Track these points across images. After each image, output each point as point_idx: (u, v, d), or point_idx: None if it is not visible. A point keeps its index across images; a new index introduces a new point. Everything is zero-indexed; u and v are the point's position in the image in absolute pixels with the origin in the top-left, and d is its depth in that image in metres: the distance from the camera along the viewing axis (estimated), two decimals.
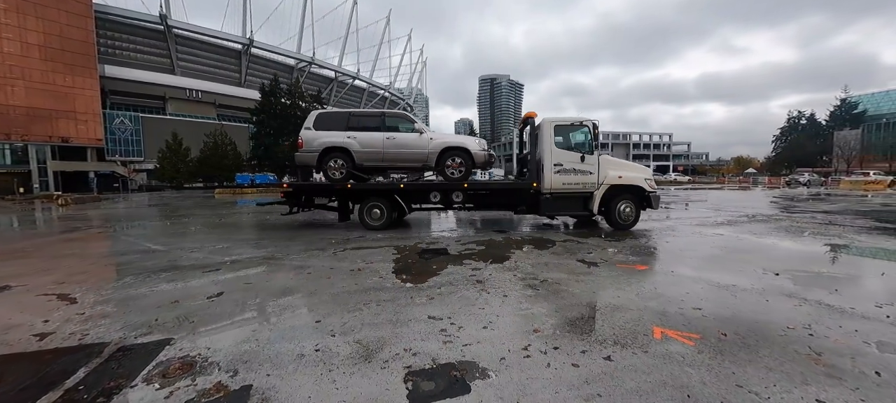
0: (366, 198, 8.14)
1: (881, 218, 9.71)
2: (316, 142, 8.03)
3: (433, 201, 8.13)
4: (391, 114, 8.68)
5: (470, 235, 7.30)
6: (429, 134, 8.19)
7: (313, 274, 4.48)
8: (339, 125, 8.16)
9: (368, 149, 8.06)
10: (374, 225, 7.99)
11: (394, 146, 8.08)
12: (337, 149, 8.02)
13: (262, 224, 9.89)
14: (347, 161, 8.04)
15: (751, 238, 6.85)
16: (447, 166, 8.09)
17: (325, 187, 8.34)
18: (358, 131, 8.08)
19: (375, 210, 8.06)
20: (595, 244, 6.24)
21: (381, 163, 8.28)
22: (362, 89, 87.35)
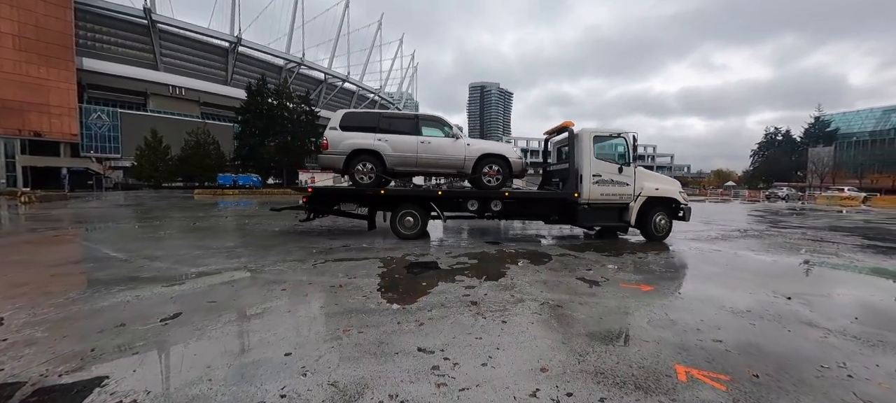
0: (399, 204, 7.67)
1: (868, 235, 9.73)
2: (343, 143, 7.54)
3: (470, 209, 7.78)
4: (425, 117, 8.19)
5: (461, 247, 6.91)
6: (465, 139, 7.95)
7: (289, 290, 4.01)
8: (367, 126, 7.73)
9: (401, 154, 7.65)
10: (407, 234, 7.54)
11: (428, 151, 7.72)
12: (366, 152, 7.56)
13: (240, 229, 9.30)
14: (377, 165, 7.58)
15: (750, 255, 6.66)
16: (484, 174, 7.84)
17: (355, 192, 7.78)
18: (389, 134, 7.66)
19: (408, 218, 7.60)
20: (593, 259, 5.93)
21: (413, 169, 7.91)
22: (352, 92, 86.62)
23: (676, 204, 8.18)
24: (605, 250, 6.82)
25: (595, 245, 7.42)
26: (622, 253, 6.56)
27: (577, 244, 7.50)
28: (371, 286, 4.21)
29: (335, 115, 7.92)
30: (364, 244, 7.00)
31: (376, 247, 6.65)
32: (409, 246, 6.85)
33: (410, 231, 7.57)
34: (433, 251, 6.42)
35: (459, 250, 6.53)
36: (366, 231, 8.37)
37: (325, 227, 9.43)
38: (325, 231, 8.83)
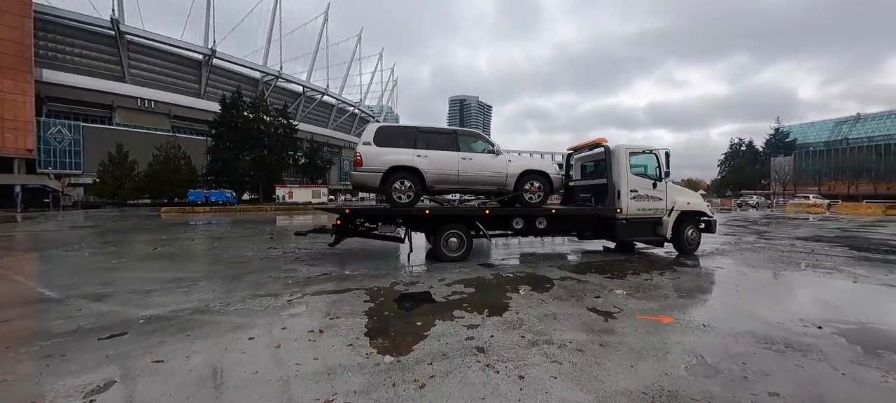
0: (443, 225, 7.21)
1: (853, 245, 9.79)
2: (380, 160, 7.00)
3: (516, 227, 7.65)
4: (464, 133, 7.87)
5: (453, 272, 6.35)
6: (505, 155, 7.72)
7: (257, 341, 3.34)
8: (404, 141, 7.27)
9: (442, 170, 7.26)
10: (452, 255, 7.12)
11: (470, 168, 7.39)
12: (405, 169, 7.07)
13: (207, 254, 8.43)
14: (416, 182, 7.11)
15: (753, 272, 6.39)
16: (525, 190, 7.66)
17: (397, 212, 7.17)
18: (427, 149, 7.26)
19: (453, 239, 7.18)
20: (597, 283, 5.49)
21: (454, 186, 7.55)
22: (331, 105, 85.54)
23: (705, 217, 8.52)
24: (605, 270, 6.42)
25: (594, 264, 7.03)
26: (625, 273, 6.17)
27: (575, 264, 7.08)
28: (357, 328, 3.59)
29: (368, 129, 7.34)
30: (346, 270, 6.33)
31: (359, 275, 6.00)
32: (396, 273, 6.25)
33: (455, 252, 7.15)
34: (423, 277, 5.83)
35: (452, 275, 5.97)
36: (344, 254, 7.78)
37: (304, 251, 8.69)
38: (305, 255, 8.09)
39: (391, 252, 8.49)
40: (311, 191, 42.33)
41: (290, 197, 40.32)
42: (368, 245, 8.99)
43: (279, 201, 39.47)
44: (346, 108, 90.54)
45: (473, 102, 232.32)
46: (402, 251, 8.67)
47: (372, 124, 7.47)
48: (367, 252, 8.38)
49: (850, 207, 33.25)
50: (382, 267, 6.65)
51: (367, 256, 7.84)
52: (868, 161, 66.31)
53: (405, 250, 7.84)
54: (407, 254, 7.91)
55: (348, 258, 7.61)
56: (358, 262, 7.13)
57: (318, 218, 21.43)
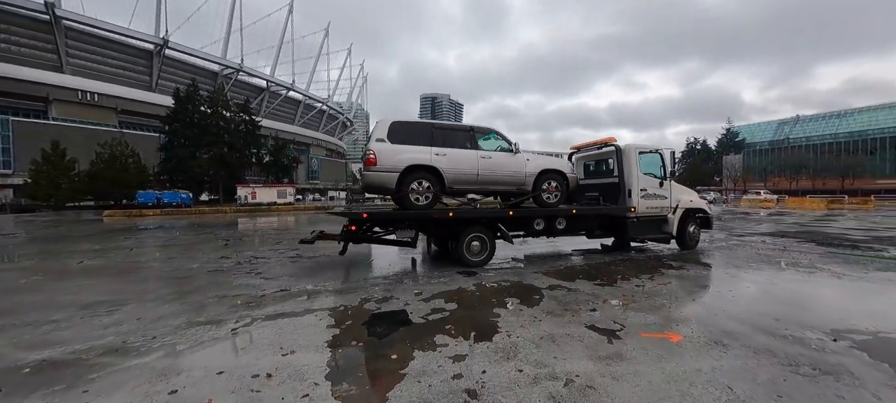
0: (465, 228, 6.75)
1: (819, 241, 10.06)
2: (396, 159, 6.39)
3: (536, 228, 7.41)
4: (481, 129, 7.35)
5: (429, 281, 5.72)
6: (523, 154, 7.36)
7: (180, 396, 2.56)
8: (420, 138, 6.69)
9: (461, 170, 6.77)
10: (475, 260, 6.72)
11: (489, 167, 6.97)
12: (423, 169, 6.53)
13: (144, 267, 7.30)
14: (435, 183, 6.59)
15: (741, 274, 6.18)
16: (543, 190, 7.41)
17: (422, 216, 6.58)
18: (445, 147, 6.74)
19: (476, 243, 6.76)
20: (588, 292, 5.05)
21: (472, 187, 7.06)
22: (297, 101, 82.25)
23: (704, 214, 8.89)
24: (592, 275, 6.01)
25: (579, 268, 6.62)
26: (613, 279, 5.78)
27: (560, 268, 6.64)
28: (317, 369, 2.87)
29: (379, 125, 6.64)
30: (308, 285, 5.53)
31: (323, 290, 5.24)
32: (367, 286, 5.52)
33: (478, 256, 6.75)
34: (398, 290, 5.16)
35: (429, 286, 5.34)
36: (308, 264, 6.98)
37: (261, 260, 7.75)
38: (262, 266, 7.18)
39: (362, 258, 7.72)
40: (277, 190, 40.17)
41: (253, 197, 38.05)
42: (334, 255, 8.19)
43: (241, 202, 37.13)
44: (314, 105, 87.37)
45: (445, 100, 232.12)
46: (377, 256, 7.95)
47: (385, 119, 6.74)
48: (333, 260, 7.58)
49: (796, 202, 35.70)
50: (351, 279, 5.91)
51: (333, 265, 7.05)
52: (806, 159, 71.92)
53: (379, 256, 7.12)
54: (381, 261, 7.20)
55: (312, 269, 6.79)
56: (322, 273, 6.34)
57: (284, 219, 20.06)
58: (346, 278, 6.00)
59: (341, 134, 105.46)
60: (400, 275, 6.15)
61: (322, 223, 17.19)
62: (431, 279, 5.85)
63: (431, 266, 7.01)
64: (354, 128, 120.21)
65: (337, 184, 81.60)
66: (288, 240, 11.06)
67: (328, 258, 7.82)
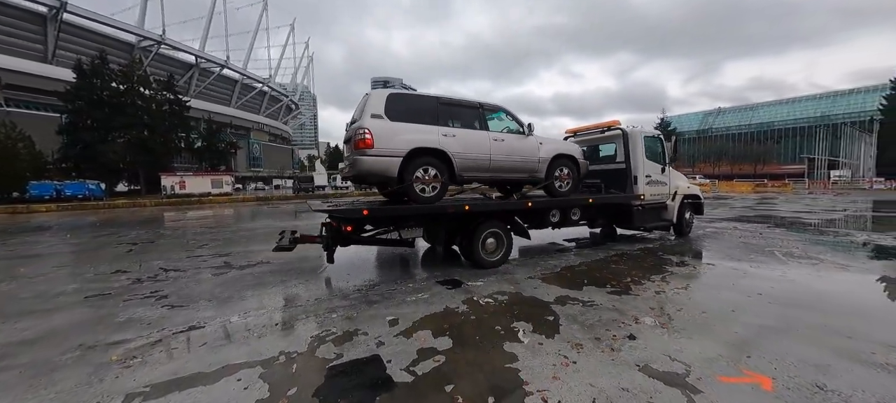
0: (482, 223, 5.68)
1: (781, 224, 10.18)
2: (397, 140, 5.13)
3: (552, 220, 6.67)
4: (489, 107, 6.23)
5: (401, 293, 4.41)
6: (535, 137, 6.43)
7: None
8: (423, 115, 5.46)
9: (473, 154, 5.67)
10: (492, 260, 5.73)
11: (502, 151, 5.94)
12: (429, 152, 5.34)
13: (10, 274, 5.14)
14: (443, 170, 5.42)
15: (749, 270, 5.57)
16: (556, 178, 6.56)
17: (434, 211, 5.35)
18: (453, 127, 5.62)
19: (491, 239, 5.75)
20: (608, 306, 4.04)
21: (484, 175, 5.98)
22: (234, 80, 74.68)
23: (697, 200, 8.71)
24: (595, 279, 5.06)
25: (572, 268, 5.66)
26: (621, 282, 4.87)
27: (554, 270, 5.62)
28: None
29: (374, 98, 5.28)
30: (232, 316, 3.94)
31: (254, 324, 3.71)
32: (319, 313, 4.06)
33: (495, 255, 5.79)
34: (364, 319, 3.77)
35: (406, 308, 4.02)
36: (235, 276, 5.34)
37: (175, 275, 5.89)
38: (172, 283, 5.36)
39: (306, 262, 6.13)
40: (211, 179, 35.76)
41: (182, 187, 33.51)
42: (276, 262, 6.54)
43: (167, 193, 32.49)
44: (253, 85, 79.87)
45: (397, 84, 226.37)
46: (316, 259, 6.43)
47: (379, 91, 5.41)
48: (274, 269, 5.96)
49: (728, 186, 38.88)
50: (295, 300, 4.40)
51: (272, 277, 5.44)
52: (726, 147, 79.85)
53: (327, 257, 5.60)
54: (333, 265, 5.71)
55: (242, 286, 5.14)
56: (256, 292, 4.74)
57: (219, 213, 17.29)
58: (290, 299, 4.48)
59: (286, 117, 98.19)
60: (363, 290, 4.74)
61: (274, 217, 14.97)
62: (406, 293, 4.53)
63: (401, 270, 5.68)
64: (300, 112, 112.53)
65: (282, 171, 76.04)
66: (219, 241, 9.03)
67: (267, 266, 6.16)
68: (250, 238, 9.60)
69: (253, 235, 10.06)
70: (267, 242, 8.67)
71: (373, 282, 5.11)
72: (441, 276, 5.33)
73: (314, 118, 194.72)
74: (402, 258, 6.65)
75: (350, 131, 5.45)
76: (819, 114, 66.16)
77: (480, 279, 5.16)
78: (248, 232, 10.82)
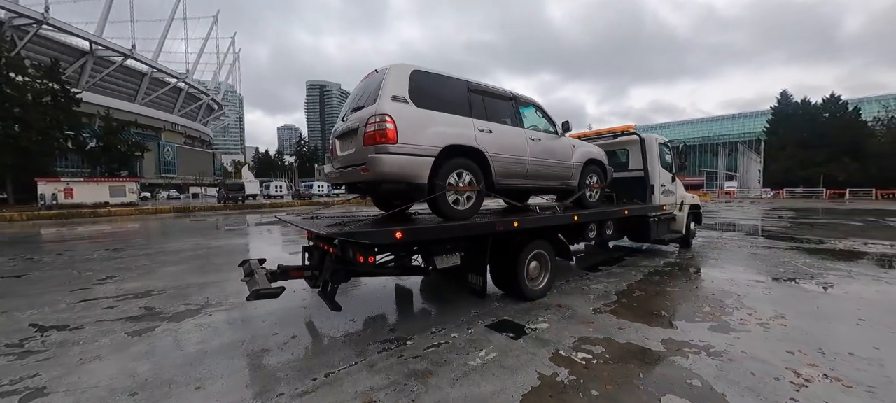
0: (526, 243, 4.41)
1: (755, 234, 10.56)
2: (428, 134, 3.71)
3: (589, 236, 5.75)
4: (523, 99, 5.10)
5: (455, 350, 3.01)
6: (567, 138, 5.51)
7: None
8: (453, 103, 4.12)
9: (511, 157, 4.46)
10: (538, 288, 4.54)
11: (539, 155, 4.84)
12: (463, 152, 3.98)
13: None
14: (479, 176, 4.08)
15: (780, 286, 5.13)
16: (586, 186, 5.66)
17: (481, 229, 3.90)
18: (489, 120, 4.35)
19: (534, 263, 4.52)
20: (733, 351, 3.06)
21: (520, 182, 4.71)
22: (141, 73, 64.74)
23: (698, 210, 8.49)
24: (680, 311, 4.13)
25: (641, 298, 4.70)
26: (718, 316, 3.98)
27: (623, 302, 4.61)
28: None
29: (394, 73, 3.80)
30: None
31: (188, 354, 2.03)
32: (261, 342, 2.47)
33: (538, 281, 4.61)
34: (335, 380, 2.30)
35: (483, 380, 2.62)
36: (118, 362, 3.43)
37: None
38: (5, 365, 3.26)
39: (276, 300, 4.33)
40: (110, 186, 29.48)
41: (69, 196, 27.09)
42: (245, 303, 4.64)
43: (46, 202, 25.98)
44: (166, 80, 69.98)
45: (336, 89, 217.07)
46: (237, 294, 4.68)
47: (401, 65, 3.90)
48: (229, 309, 4.08)
49: None
50: (295, 378, 2.72)
51: (231, 321, 3.61)
52: None
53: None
54: (319, 312, 4.03)
55: (181, 353, 3.27)
56: (215, 364, 2.95)
57: (120, 229, 13.59)
58: (284, 374, 2.79)
59: (206, 118, 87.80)
60: (390, 346, 3.19)
61: (202, 233, 12.03)
62: (459, 349, 3.11)
63: (415, 305, 4.20)
64: (224, 114, 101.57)
65: (201, 178, 67.41)
66: (130, 270, 6.57)
67: (220, 311, 4.24)
68: (179, 263, 7.22)
69: (181, 259, 7.64)
70: (206, 270, 6.50)
71: (392, 328, 3.58)
72: (480, 315, 3.98)
73: (240, 120, 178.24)
74: (397, 285, 5.15)
75: (352, 121, 3.90)
76: (712, 133, 76.65)
77: (539, 318, 3.90)
78: (173, 254, 8.28)
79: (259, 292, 2.97)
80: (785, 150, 45.49)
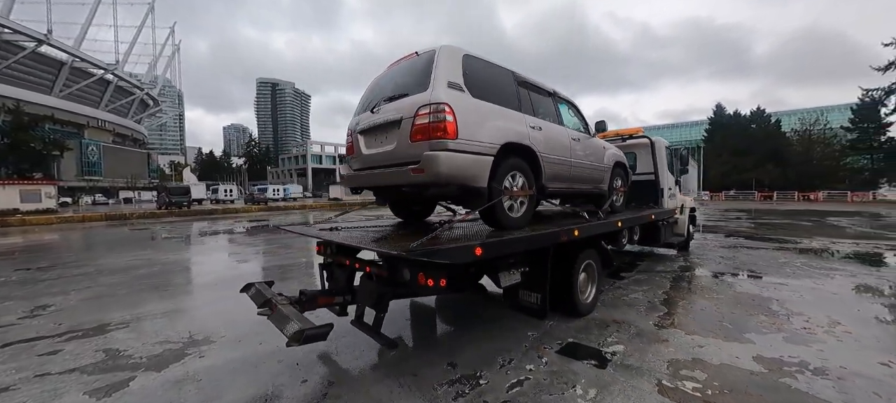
0: (578, 253, 3.91)
1: (735, 234, 11.08)
2: (487, 129, 3.13)
3: (622, 243, 5.51)
4: (561, 96, 4.66)
5: (541, 388, 2.45)
6: (598, 140, 5.17)
7: None
8: (501, 94, 3.52)
9: (558, 158, 3.99)
10: (588, 303, 4.09)
11: (581, 155, 4.49)
12: (518, 151, 3.41)
13: None
14: (530, 178, 3.53)
15: (816, 287, 5.20)
16: (614, 190, 5.36)
17: (549, 240, 3.34)
18: (536, 116, 3.86)
19: (583, 274, 4.03)
20: (854, 375, 2.82)
21: (562, 186, 4.21)
22: (59, 62, 56.91)
23: (694, 213, 8.50)
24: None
25: (688, 307, 4.44)
26: (781, 325, 3.79)
27: (677, 315, 4.30)
28: None
29: (446, 55, 3.19)
30: None
31: None
32: None
33: (587, 295, 4.14)
34: None
35: None
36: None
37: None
38: None
39: (265, 335, 3.51)
40: (21, 190, 25.11)
41: None
42: (238, 335, 3.73)
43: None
44: (91, 71, 62.00)
45: (289, 88, 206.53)
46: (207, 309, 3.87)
47: (451, 46, 3.28)
48: (223, 349, 3.20)
49: None
50: None
51: (233, 369, 2.77)
52: None
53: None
54: (342, 340, 3.28)
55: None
56: None
57: (35, 243, 11.25)
58: None
59: (140, 115, 79.24)
60: (457, 388, 2.56)
61: (148, 245, 10.28)
62: (544, 388, 2.55)
63: (434, 329, 3.57)
64: (162, 110, 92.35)
65: (134, 181, 60.74)
66: (67, 296, 5.23)
67: (214, 350, 3.33)
68: (132, 284, 5.93)
69: (133, 279, 6.31)
70: (171, 293, 5.40)
71: (451, 363, 2.93)
72: (539, 337, 3.45)
73: (180, 118, 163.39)
74: (412, 301, 4.50)
75: (389, 112, 3.22)
76: None
77: (607, 338, 3.45)
78: (120, 273, 6.85)
79: (306, 334, 2.17)
80: (721, 157, 50.00)
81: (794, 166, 44.29)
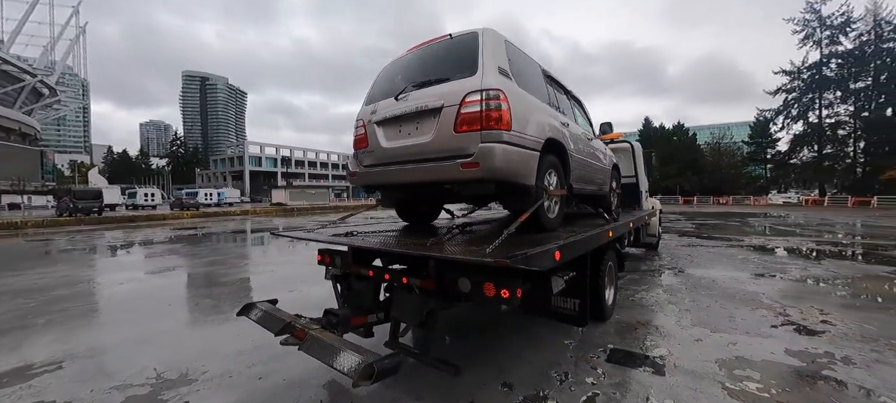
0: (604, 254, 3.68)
1: (688, 234, 12.04)
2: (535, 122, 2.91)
3: (624, 244, 5.37)
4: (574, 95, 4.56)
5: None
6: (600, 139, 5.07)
7: None
8: (535, 86, 3.31)
9: (581, 158, 3.87)
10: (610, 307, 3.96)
11: (594, 156, 4.43)
12: (554, 148, 3.20)
13: None
14: (561, 177, 3.35)
15: (814, 289, 5.71)
16: (613, 191, 5.24)
17: (604, 241, 3.40)
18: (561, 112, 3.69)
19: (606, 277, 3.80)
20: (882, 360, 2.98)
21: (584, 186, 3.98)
22: None
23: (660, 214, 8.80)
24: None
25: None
26: (796, 322, 3.99)
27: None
28: None
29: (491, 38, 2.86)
30: None
31: None
32: None
33: (609, 298, 4.00)
34: None
35: None
36: None
37: None
38: None
39: (268, 347, 2.90)
40: None
41: None
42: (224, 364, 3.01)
43: None
44: None
45: (222, 84, 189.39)
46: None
47: (490, 30, 2.95)
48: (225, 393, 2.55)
49: None
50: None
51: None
52: None
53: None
54: None
55: None
56: None
57: None
58: None
59: (31, 106, 67.31)
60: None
61: (58, 259, 8.37)
62: None
63: (467, 342, 3.25)
64: (60, 101, 79.30)
65: (23, 183, 51.38)
66: None
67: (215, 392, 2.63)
68: (55, 312, 4.70)
69: (52, 301, 5.02)
70: (113, 319, 4.43)
71: (506, 384, 2.60)
72: (578, 345, 3.26)
73: (84, 112, 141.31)
74: None
75: (425, 98, 2.82)
76: None
77: (645, 341, 3.35)
78: (33, 295, 5.43)
79: (377, 369, 1.66)
80: None
81: (708, 174, 50.47)
